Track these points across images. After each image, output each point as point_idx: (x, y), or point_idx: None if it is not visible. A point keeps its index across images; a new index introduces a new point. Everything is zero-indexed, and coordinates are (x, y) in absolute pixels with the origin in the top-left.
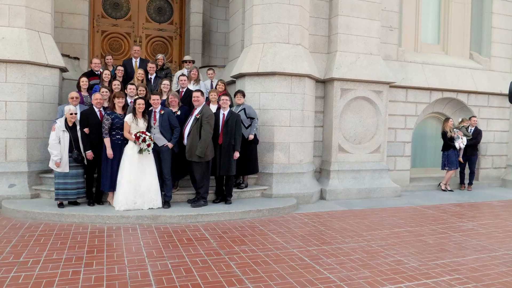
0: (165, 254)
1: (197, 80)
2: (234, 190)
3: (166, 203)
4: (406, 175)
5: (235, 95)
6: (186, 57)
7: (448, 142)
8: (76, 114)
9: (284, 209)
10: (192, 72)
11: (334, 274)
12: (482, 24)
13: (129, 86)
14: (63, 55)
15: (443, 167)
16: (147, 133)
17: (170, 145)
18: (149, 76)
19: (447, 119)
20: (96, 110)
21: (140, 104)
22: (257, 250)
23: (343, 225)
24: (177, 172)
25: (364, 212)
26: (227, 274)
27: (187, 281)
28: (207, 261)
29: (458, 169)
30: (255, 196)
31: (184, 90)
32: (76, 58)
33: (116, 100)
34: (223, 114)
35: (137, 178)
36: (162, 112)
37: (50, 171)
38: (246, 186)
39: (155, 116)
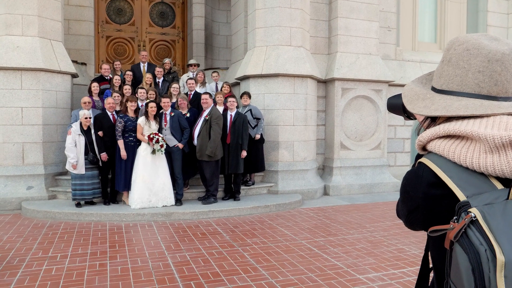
0: (183, 247)
1: (203, 83)
2: (242, 187)
3: (178, 201)
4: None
5: (241, 97)
6: (192, 61)
7: None
8: (90, 118)
9: (290, 205)
10: (198, 75)
11: (341, 262)
12: (477, 22)
13: (139, 90)
14: (72, 61)
15: None
16: (159, 134)
17: (180, 145)
18: (157, 80)
19: None
20: (109, 113)
21: (153, 107)
22: (268, 242)
23: (347, 218)
24: (187, 171)
25: (366, 206)
26: (242, 263)
27: (206, 270)
28: (222, 252)
29: None
30: (261, 192)
31: (192, 93)
32: (84, 64)
33: (128, 104)
34: (231, 115)
35: (150, 177)
36: (173, 114)
37: (65, 173)
38: (253, 184)
39: (165, 118)
